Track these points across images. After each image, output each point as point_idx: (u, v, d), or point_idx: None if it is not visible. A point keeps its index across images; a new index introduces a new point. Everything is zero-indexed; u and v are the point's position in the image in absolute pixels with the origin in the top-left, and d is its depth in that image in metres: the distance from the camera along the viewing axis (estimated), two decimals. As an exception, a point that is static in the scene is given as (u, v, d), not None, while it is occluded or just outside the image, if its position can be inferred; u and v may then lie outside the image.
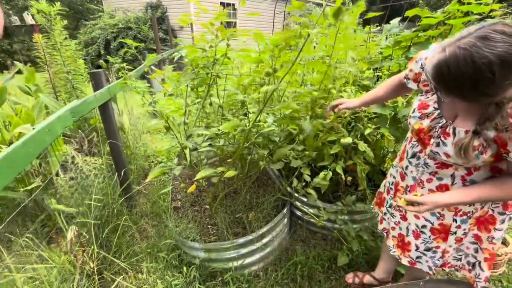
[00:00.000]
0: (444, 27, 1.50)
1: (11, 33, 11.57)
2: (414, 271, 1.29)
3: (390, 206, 1.19)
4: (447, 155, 0.84)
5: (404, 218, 1.10)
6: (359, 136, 1.68)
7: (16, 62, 2.60)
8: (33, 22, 7.78)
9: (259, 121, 1.24)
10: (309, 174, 1.60)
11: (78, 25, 12.27)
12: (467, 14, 1.42)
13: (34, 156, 0.89)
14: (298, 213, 1.88)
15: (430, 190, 0.96)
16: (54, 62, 2.56)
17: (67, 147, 1.88)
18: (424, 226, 1.03)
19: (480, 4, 1.36)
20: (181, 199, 1.97)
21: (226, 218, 1.66)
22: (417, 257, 1.09)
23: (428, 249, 1.05)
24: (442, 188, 0.93)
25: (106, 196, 1.75)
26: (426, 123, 0.90)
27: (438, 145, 0.86)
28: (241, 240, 1.46)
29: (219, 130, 1.18)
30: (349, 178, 1.80)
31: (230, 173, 1.37)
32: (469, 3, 1.40)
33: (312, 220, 1.71)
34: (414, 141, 1.02)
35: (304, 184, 1.61)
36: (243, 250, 1.49)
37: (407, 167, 1.05)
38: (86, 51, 8.17)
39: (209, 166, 1.51)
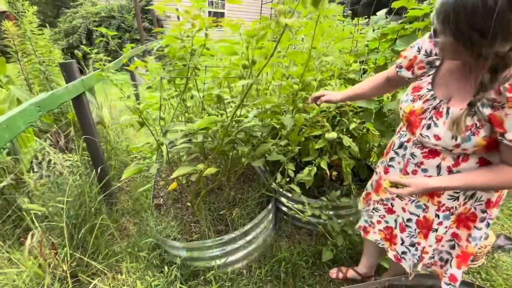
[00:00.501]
0: (429, 20, 1.47)
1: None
2: (398, 266, 1.29)
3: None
4: (437, 137, 0.80)
5: (389, 211, 1.09)
6: (344, 130, 1.65)
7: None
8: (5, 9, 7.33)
9: (240, 115, 1.19)
10: (294, 169, 1.57)
11: (59, 13, 11.68)
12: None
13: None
14: (284, 208, 1.86)
15: None
16: (27, 52, 2.41)
17: (43, 143, 1.77)
18: (409, 220, 1.02)
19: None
20: (164, 196, 1.90)
21: (209, 215, 1.61)
22: (403, 253, 1.08)
23: (412, 244, 1.04)
24: None
25: (83, 194, 1.67)
26: (418, 104, 0.87)
27: (428, 127, 0.83)
28: (224, 238, 1.42)
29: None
30: (334, 173, 1.78)
31: (211, 170, 1.32)
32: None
33: (297, 215, 1.69)
34: (402, 131, 1.00)
35: (288, 179, 1.57)
36: (227, 248, 1.45)
37: (392, 158, 1.03)
38: (67, 41, 7.80)
39: (189, 162, 1.45)
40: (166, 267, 1.46)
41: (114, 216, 1.94)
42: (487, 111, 0.71)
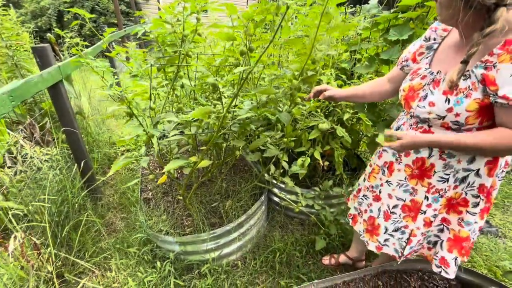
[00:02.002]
0: (423, 9, 1.47)
1: None
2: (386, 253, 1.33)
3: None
4: (432, 104, 0.81)
5: (377, 198, 1.10)
6: (336, 120, 1.65)
7: None
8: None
9: (235, 105, 1.14)
10: (287, 160, 1.56)
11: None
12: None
13: (-45, 152, 0.72)
14: (276, 199, 1.85)
15: (407, 165, 0.96)
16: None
17: (17, 136, 1.63)
18: (395, 206, 1.03)
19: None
20: (152, 189, 1.83)
21: (201, 208, 1.58)
22: (385, 240, 1.08)
23: (396, 229, 1.04)
24: (419, 161, 0.92)
25: (65, 190, 1.57)
26: (416, 81, 0.89)
27: (425, 97, 0.84)
28: (219, 231, 1.40)
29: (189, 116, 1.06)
30: (326, 163, 1.79)
31: (204, 163, 1.27)
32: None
33: (290, 205, 1.70)
34: (400, 116, 1.03)
35: (282, 171, 1.56)
36: (221, 241, 1.43)
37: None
38: (35, 24, 7.18)
39: (180, 155, 1.39)
40: (158, 262, 1.42)
41: (100, 212, 1.85)
42: (480, 71, 0.73)
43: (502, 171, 0.89)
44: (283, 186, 1.72)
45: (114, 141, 2.77)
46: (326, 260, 1.53)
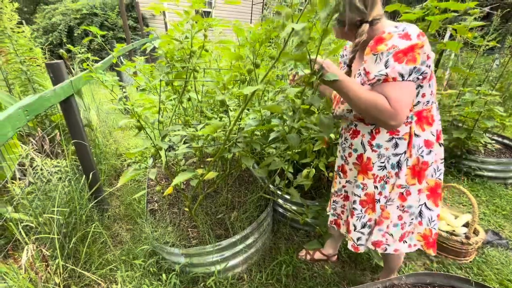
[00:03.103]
0: (423, 23, 1.51)
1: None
2: (390, 262, 1.32)
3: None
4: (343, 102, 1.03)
5: (346, 197, 1.21)
6: (341, 132, 1.67)
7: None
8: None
9: (240, 119, 1.17)
10: (292, 171, 1.57)
11: (37, 9, 11.13)
12: (445, 11, 1.44)
13: (-25, 166, 0.75)
14: (281, 210, 1.85)
15: (354, 164, 1.10)
16: (5, 51, 2.26)
17: (25, 148, 1.68)
18: (354, 202, 1.11)
19: (457, 1, 1.38)
20: (158, 200, 1.85)
21: (207, 220, 1.58)
22: (358, 239, 1.15)
23: (363, 226, 1.12)
24: (359, 158, 1.06)
25: (73, 201, 1.59)
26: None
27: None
28: (224, 243, 1.40)
29: (197, 130, 1.09)
30: (331, 174, 1.79)
31: (211, 174, 1.29)
32: (446, 0, 1.41)
33: (295, 217, 1.69)
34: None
35: (287, 182, 1.57)
36: (227, 253, 1.43)
37: (338, 150, 1.20)
38: (46, 39, 7.44)
39: (187, 167, 1.42)
40: (164, 275, 1.42)
41: (106, 223, 1.87)
42: (362, 67, 0.93)
43: (430, 151, 0.98)
44: (288, 197, 1.72)
45: (120, 152, 2.82)
46: (302, 255, 1.61)
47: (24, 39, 2.35)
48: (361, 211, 1.11)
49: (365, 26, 0.90)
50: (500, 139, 2.88)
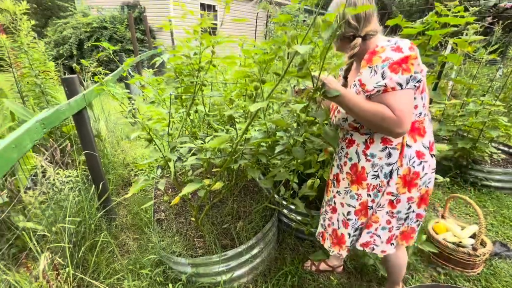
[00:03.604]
0: (424, 37, 1.55)
1: (-30, 30, 10.63)
2: (391, 275, 1.32)
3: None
4: (338, 111, 1.08)
5: (333, 210, 1.23)
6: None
7: (-24, 65, 2.37)
8: (-4, 19, 7.19)
9: (246, 131, 1.21)
10: (297, 182, 1.59)
11: (48, 23, 11.54)
12: (444, 25, 1.48)
13: (0, 176, 0.79)
14: (286, 220, 1.86)
15: (347, 173, 1.13)
16: (21, 65, 2.37)
17: (38, 158, 1.73)
18: (349, 213, 1.14)
19: (456, 16, 1.42)
20: (165, 210, 1.88)
21: (213, 230, 1.60)
22: (351, 242, 1.19)
23: (356, 230, 1.16)
24: (354, 168, 1.09)
25: (82, 211, 1.63)
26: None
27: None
28: (230, 253, 1.41)
29: (204, 142, 1.13)
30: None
31: (218, 185, 1.32)
32: (446, 15, 1.46)
33: (300, 227, 1.70)
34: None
35: (292, 192, 1.59)
36: (232, 263, 1.44)
37: (334, 158, 1.23)
38: (57, 51, 7.69)
39: (194, 177, 1.45)
40: (170, 285, 1.43)
41: (114, 232, 1.90)
42: (357, 79, 0.97)
43: (420, 162, 1.00)
44: (293, 207, 1.74)
45: (128, 162, 2.87)
46: (307, 266, 1.61)
47: (38, 53, 2.45)
48: (355, 220, 1.14)
49: (358, 40, 0.96)
50: (506, 149, 2.87)
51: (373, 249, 1.14)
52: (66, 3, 10.33)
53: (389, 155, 1.00)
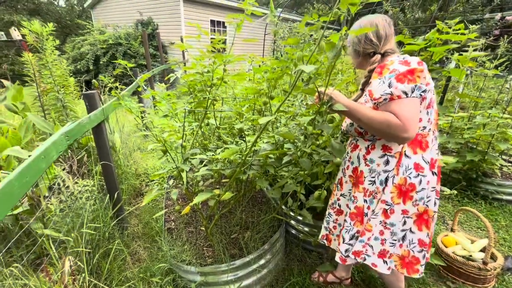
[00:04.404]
0: (427, 53, 1.61)
1: (-6, 47, 11.31)
2: (389, 286, 1.33)
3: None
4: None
5: (338, 212, 1.28)
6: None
7: (3, 81, 2.55)
8: (20, 37, 7.67)
9: (255, 143, 1.27)
10: (304, 193, 1.62)
11: (66, 39, 12.18)
12: (446, 42, 1.54)
13: (30, 186, 0.87)
14: (293, 231, 1.88)
15: (350, 176, 1.19)
16: (45, 81, 2.53)
17: (58, 169, 1.83)
18: (346, 214, 1.19)
19: (457, 33, 1.48)
20: (175, 220, 1.93)
21: (222, 239, 1.64)
22: (346, 251, 1.19)
23: (352, 237, 1.18)
24: (355, 171, 1.15)
25: (98, 219, 1.70)
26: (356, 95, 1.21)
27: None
28: (238, 262, 1.44)
29: (215, 154, 1.20)
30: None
31: (227, 195, 1.38)
32: (447, 32, 1.52)
33: (307, 238, 1.71)
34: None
35: (299, 203, 1.62)
36: (240, 273, 1.47)
37: (341, 164, 1.29)
38: (75, 67, 8.08)
39: (205, 187, 1.51)
40: (180, 293, 1.47)
41: (126, 241, 1.95)
42: (368, 89, 1.05)
43: (418, 174, 1.02)
44: (300, 218, 1.76)
45: (139, 172, 2.96)
46: (315, 277, 1.62)
47: (60, 70, 2.63)
48: (350, 223, 1.17)
49: (377, 57, 1.05)
50: (517, 162, 2.83)
51: (365, 259, 1.14)
52: (85, 21, 10.94)
53: (387, 162, 1.04)
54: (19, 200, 0.76)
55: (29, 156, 0.93)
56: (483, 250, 1.64)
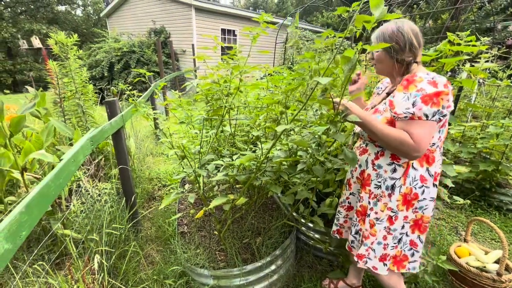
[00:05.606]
0: (438, 64, 1.64)
1: (15, 54, 11.86)
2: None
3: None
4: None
5: (348, 208, 1.36)
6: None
7: (28, 87, 2.70)
8: (40, 45, 8.03)
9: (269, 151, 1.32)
10: (315, 200, 1.65)
11: (82, 47, 12.65)
12: (457, 53, 1.56)
13: (63, 187, 0.94)
14: (304, 238, 1.90)
15: (357, 178, 1.24)
16: (68, 88, 2.66)
17: (79, 172, 1.92)
18: (354, 210, 1.27)
19: (469, 45, 1.51)
20: (188, 223, 1.98)
21: (234, 243, 1.68)
22: (351, 242, 1.30)
23: (356, 232, 1.27)
24: (363, 173, 1.20)
25: (114, 221, 1.77)
26: (376, 100, 1.25)
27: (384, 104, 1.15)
28: (250, 267, 1.47)
29: (232, 160, 1.25)
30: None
31: (241, 200, 1.42)
32: (458, 44, 1.54)
33: (318, 245, 1.73)
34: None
35: (310, 210, 1.65)
36: (252, 277, 1.49)
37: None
38: (90, 73, 8.38)
39: (220, 192, 1.56)
40: (193, 296, 1.50)
41: (140, 243, 2.01)
42: (389, 99, 1.07)
43: (422, 186, 1.07)
44: (311, 225, 1.78)
45: (152, 177, 3.04)
46: (325, 284, 1.63)
47: (81, 77, 2.76)
48: (355, 219, 1.26)
49: (415, 66, 1.05)
50: (533, 173, 2.77)
51: (366, 262, 1.18)
52: (100, 29, 11.36)
53: (394, 170, 1.08)
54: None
55: (61, 160, 1.00)
56: (497, 261, 1.62)
